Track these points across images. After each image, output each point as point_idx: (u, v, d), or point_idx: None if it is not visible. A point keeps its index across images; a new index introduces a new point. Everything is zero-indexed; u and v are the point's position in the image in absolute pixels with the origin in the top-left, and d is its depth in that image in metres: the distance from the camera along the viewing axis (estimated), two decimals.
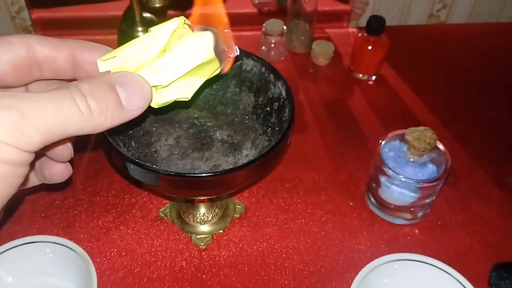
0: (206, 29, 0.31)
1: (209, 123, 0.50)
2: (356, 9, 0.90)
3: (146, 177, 0.38)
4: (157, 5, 0.72)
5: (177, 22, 0.30)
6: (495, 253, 0.53)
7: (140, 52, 0.29)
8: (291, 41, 0.81)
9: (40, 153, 0.30)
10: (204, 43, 0.30)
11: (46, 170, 0.31)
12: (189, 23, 0.31)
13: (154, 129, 0.48)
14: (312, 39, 0.81)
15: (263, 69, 0.46)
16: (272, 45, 0.78)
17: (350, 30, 0.89)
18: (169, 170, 0.39)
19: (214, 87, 0.49)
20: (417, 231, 0.55)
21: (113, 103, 0.25)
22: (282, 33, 0.77)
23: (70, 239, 0.48)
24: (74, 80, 0.29)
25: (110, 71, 0.29)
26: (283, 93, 0.44)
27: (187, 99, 0.32)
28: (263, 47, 0.79)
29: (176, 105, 0.36)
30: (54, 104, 0.23)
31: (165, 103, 0.31)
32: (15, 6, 0.84)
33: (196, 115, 0.50)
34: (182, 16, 0.31)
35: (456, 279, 0.45)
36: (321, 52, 0.78)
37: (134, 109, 0.27)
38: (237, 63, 0.48)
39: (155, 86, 0.29)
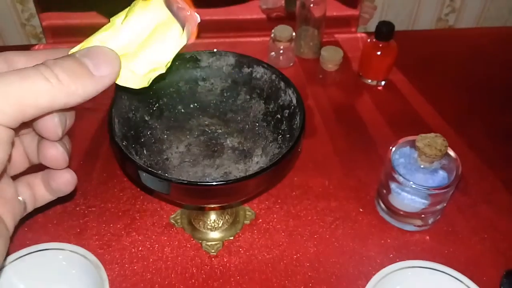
0: None
1: (220, 130, 0.50)
2: (364, 14, 0.90)
3: (158, 185, 0.39)
4: None
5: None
6: (506, 260, 0.53)
7: (107, 38, 0.30)
8: (300, 47, 0.82)
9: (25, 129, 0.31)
10: (155, 2, 0.31)
11: (52, 181, 0.32)
12: None
13: (165, 136, 0.48)
14: (321, 44, 0.81)
15: (273, 77, 0.47)
16: (281, 51, 0.78)
17: (358, 35, 0.89)
18: (181, 178, 0.39)
19: (225, 94, 0.50)
20: (427, 237, 0.55)
21: (81, 70, 0.26)
22: (291, 39, 0.77)
23: (82, 246, 0.48)
24: None
25: None
26: (294, 101, 0.45)
27: (163, 70, 0.32)
28: (272, 53, 0.79)
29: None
30: (20, 76, 0.24)
31: (144, 78, 0.31)
32: (25, 13, 0.84)
33: (206, 123, 0.50)
34: None
35: (468, 286, 0.45)
36: (330, 58, 0.78)
37: (104, 75, 0.27)
38: (248, 70, 0.48)
39: (124, 56, 0.30)
